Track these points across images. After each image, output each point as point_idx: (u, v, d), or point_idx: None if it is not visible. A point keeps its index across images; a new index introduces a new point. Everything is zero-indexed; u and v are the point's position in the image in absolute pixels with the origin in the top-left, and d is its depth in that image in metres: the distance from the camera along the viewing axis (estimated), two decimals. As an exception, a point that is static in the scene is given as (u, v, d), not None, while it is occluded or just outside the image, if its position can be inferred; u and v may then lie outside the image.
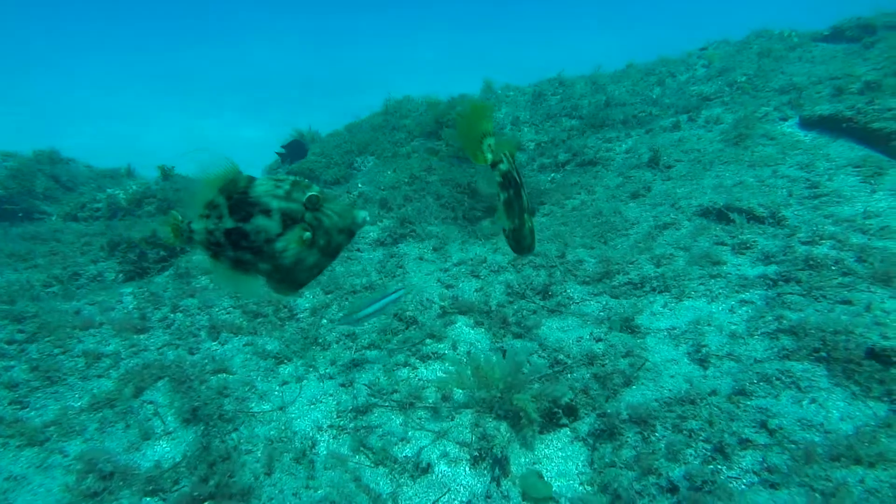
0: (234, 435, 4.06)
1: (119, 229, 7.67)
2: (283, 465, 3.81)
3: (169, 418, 4.34)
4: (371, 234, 6.87)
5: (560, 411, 4.15)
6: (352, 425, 4.19)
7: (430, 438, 4.07)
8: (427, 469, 3.81)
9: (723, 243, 5.37)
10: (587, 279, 5.47)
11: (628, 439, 3.78)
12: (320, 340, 5.09)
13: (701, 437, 3.55)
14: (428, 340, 5.06)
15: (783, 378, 3.74)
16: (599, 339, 4.69)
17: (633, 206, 6.43)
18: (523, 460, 3.89)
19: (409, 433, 4.13)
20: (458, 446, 4.00)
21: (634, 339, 4.61)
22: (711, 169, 6.60)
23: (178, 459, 3.98)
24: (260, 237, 2.16)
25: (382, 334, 5.16)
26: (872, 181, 5.59)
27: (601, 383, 4.26)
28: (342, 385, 4.58)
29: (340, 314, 4.81)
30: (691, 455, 3.47)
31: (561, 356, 4.61)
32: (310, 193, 2.17)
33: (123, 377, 4.66)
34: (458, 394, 4.43)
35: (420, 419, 4.27)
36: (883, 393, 3.41)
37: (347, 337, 5.17)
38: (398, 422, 4.23)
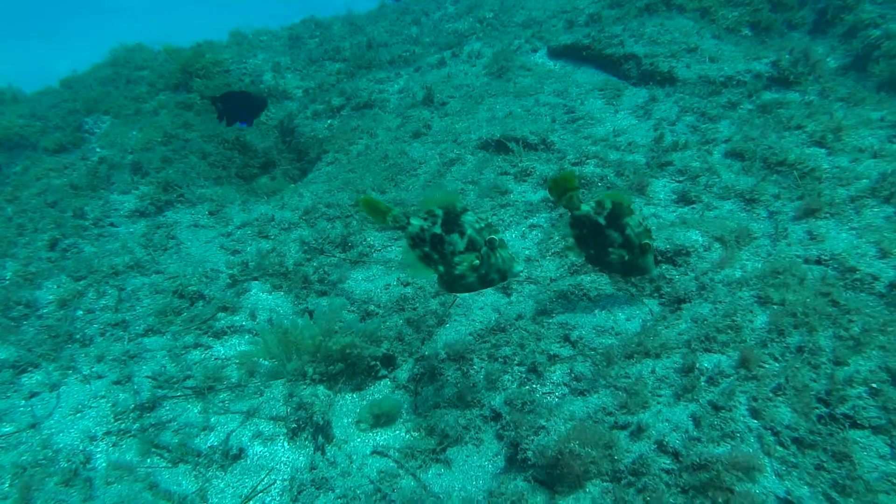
0: (-35, 477, 3.09)
1: None
2: (47, 494, 3.02)
3: None
4: (126, 203, 5.77)
5: (378, 363, 3.98)
6: (136, 426, 3.50)
7: (238, 420, 3.60)
8: (239, 455, 3.36)
9: (506, 173, 5.59)
10: (385, 224, 5.29)
11: (449, 377, 3.76)
12: (78, 336, 4.15)
13: (515, 362, 3.66)
14: (220, 314, 4.46)
15: (576, 292, 4.03)
16: (407, 284, 4.58)
17: (417, 146, 6.38)
18: (346, 421, 3.65)
19: (213, 419, 3.59)
20: (272, 422, 3.59)
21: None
22: (483, 102, 6.83)
23: None
24: (448, 248, 2.99)
25: (162, 316, 4.40)
26: (615, 102, 6.30)
27: (415, 327, 4.17)
28: (117, 382, 3.80)
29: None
30: (508, 380, 3.57)
31: (371, 307, 4.41)
32: (492, 237, 2.96)
33: None
34: (266, 365, 3.98)
35: (223, 402, 3.74)
36: (653, 290, 3.86)
37: (116, 326, 4.30)
38: (196, 410, 3.66)
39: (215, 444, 3.44)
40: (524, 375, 3.55)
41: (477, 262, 2.96)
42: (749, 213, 4.25)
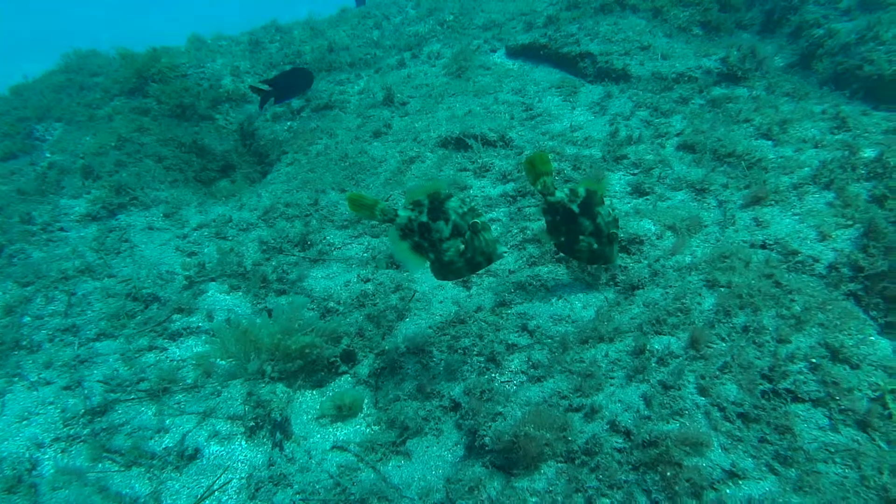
0: None
1: None
2: (-10, 505, 2.91)
3: None
4: (77, 208, 5.61)
5: (338, 359, 3.95)
6: (87, 431, 3.40)
7: (194, 421, 3.53)
8: (195, 455, 3.29)
9: (465, 169, 5.62)
10: (345, 223, 5.27)
11: (409, 371, 3.76)
12: (24, 343, 4.01)
13: (474, 352, 3.68)
14: (175, 316, 4.37)
15: (534, 283, 4.07)
16: (367, 280, 4.57)
17: (377, 145, 6.37)
18: (305, 418, 3.61)
19: (167, 422, 3.52)
20: (229, 422, 3.54)
21: (401, 273, 4.59)
22: (443, 101, 6.87)
23: None
24: (435, 235, 3.03)
25: (115, 320, 4.29)
26: (571, 99, 6.41)
27: (375, 323, 4.16)
28: (66, 388, 3.68)
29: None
30: (468, 370, 3.59)
31: (331, 304, 4.38)
32: (475, 220, 3.00)
33: None
34: (223, 365, 3.91)
35: (179, 403, 3.67)
36: (609, 279, 3.93)
37: (66, 331, 4.17)
38: (151, 413, 3.57)
39: (170, 445, 3.37)
40: (483, 365, 3.57)
41: (462, 246, 3.00)
42: (700, 202, 4.37)
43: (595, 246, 3.53)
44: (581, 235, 3.52)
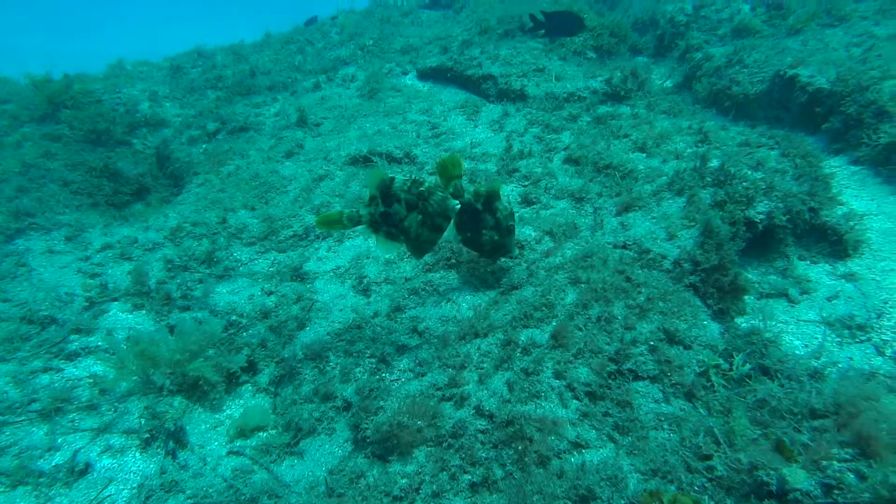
0: None
1: None
2: None
3: None
4: (-31, 235, 5.48)
5: (238, 370, 4.07)
6: (-29, 455, 3.38)
7: (87, 438, 3.56)
8: (86, 470, 3.33)
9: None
10: (253, 239, 5.40)
11: (306, 376, 3.93)
12: None
13: (367, 355, 3.90)
14: (73, 337, 4.37)
15: (427, 288, 4.34)
16: (271, 293, 4.72)
17: (289, 164, 6.54)
18: (203, 427, 3.72)
19: (59, 440, 3.54)
20: (124, 436, 3.59)
21: (304, 284, 4.76)
22: (355, 122, 7.14)
23: None
24: (396, 217, 3.29)
25: (7, 343, 4.25)
26: (474, 118, 6.81)
27: (277, 333, 4.31)
28: (-50, 414, 3.63)
29: None
30: (360, 372, 3.80)
31: (234, 317, 4.50)
32: (420, 189, 3.25)
33: None
34: (123, 384, 3.95)
35: (73, 422, 3.69)
36: (494, 281, 4.24)
37: (-47, 357, 4.10)
38: (41, 433, 3.58)
39: (60, 462, 3.39)
40: (375, 366, 3.79)
41: (420, 216, 3.27)
42: (578, 209, 4.78)
43: (496, 238, 3.90)
44: (484, 229, 3.88)
